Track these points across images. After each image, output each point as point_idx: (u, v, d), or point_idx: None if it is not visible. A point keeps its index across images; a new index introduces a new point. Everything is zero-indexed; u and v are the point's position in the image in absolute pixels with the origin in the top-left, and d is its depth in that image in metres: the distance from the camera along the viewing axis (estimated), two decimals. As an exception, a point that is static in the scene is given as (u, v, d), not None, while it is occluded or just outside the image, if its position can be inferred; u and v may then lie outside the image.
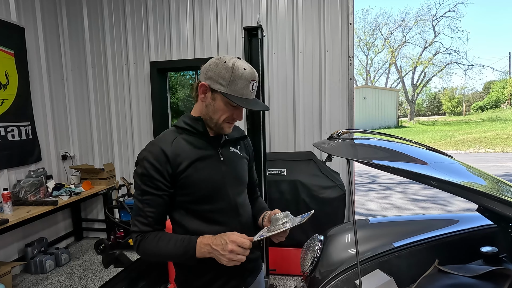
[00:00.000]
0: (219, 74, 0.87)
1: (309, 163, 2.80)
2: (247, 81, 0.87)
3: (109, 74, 3.52)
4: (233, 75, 0.86)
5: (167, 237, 0.89)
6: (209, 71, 0.89)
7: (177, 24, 3.30)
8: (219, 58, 0.89)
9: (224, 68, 0.87)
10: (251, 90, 0.88)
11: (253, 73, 0.89)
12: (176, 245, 0.87)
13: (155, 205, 0.89)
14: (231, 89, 0.87)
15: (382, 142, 0.97)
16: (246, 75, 0.87)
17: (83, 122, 3.65)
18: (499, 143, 11.77)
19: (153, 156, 0.88)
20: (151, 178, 0.88)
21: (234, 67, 0.86)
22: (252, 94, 0.90)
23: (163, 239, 0.88)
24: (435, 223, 1.50)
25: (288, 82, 3.10)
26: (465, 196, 0.80)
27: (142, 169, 0.89)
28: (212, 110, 0.92)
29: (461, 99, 28.84)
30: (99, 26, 3.49)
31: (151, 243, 0.88)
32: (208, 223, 0.95)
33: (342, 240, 1.45)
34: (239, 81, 0.86)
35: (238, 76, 0.86)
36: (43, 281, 2.74)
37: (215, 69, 0.88)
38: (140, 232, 0.89)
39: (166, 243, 0.88)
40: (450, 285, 1.06)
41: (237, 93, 0.87)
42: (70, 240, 3.60)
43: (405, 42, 27.90)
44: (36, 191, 2.87)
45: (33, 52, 3.16)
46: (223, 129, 0.95)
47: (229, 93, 0.87)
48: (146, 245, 0.88)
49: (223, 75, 0.87)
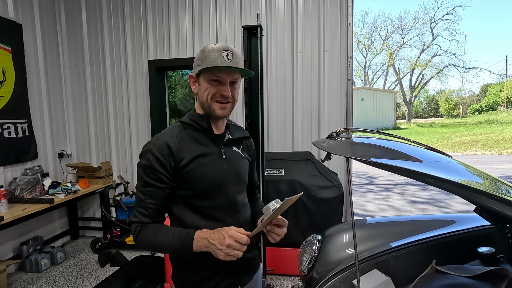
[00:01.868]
0: (196, 59, 0.95)
1: (307, 163, 2.80)
2: (218, 52, 0.90)
3: (107, 72, 3.50)
4: (204, 52, 0.92)
5: (165, 229, 0.90)
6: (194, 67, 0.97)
7: (176, 22, 3.29)
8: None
9: (199, 53, 0.95)
10: (226, 59, 0.91)
11: (225, 45, 0.92)
12: (174, 237, 0.87)
13: (156, 197, 0.91)
14: (205, 63, 0.91)
15: (381, 141, 0.97)
16: (216, 47, 0.91)
17: (80, 120, 3.62)
18: (496, 145, 11.85)
19: (157, 148, 0.90)
20: (154, 170, 0.89)
21: (205, 47, 0.93)
22: (230, 62, 0.91)
23: (162, 231, 0.89)
24: (432, 223, 1.50)
25: (287, 82, 3.10)
26: (464, 194, 0.80)
27: (146, 161, 0.90)
28: (201, 95, 0.95)
29: (458, 101, 29.01)
30: (97, 24, 3.47)
31: (150, 234, 0.89)
32: (206, 219, 0.95)
33: (339, 240, 1.44)
34: (211, 54, 0.90)
35: (208, 50, 0.91)
36: (38, 280, 2.72)
37: (195, 61, 0.96)
38: (139, 223, 0.91)
39: (164, 235, 0.88)
40: (447, 285, 1.06)
41: (211, 64, 0.90)
42: (66, 238, 3.57)
43: (403, 44, 28.06)
44: (32, 189, 2.84)
45: (31, 49, 3.14)
46: (215, 110, 0.95)
47: (204, 67, 0.91)
48: (144, 236, 0.89)
49: (198, 57, 0.94)
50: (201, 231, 0.87)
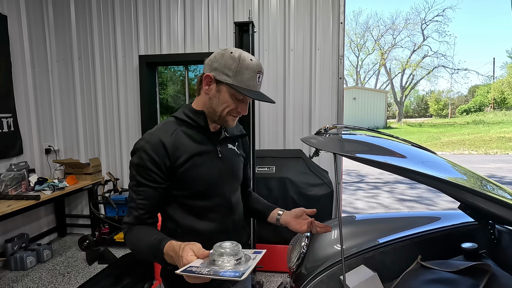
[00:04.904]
0: (225, 64, 0.84)
1: (298, 160, 2.81)
2: (253, 72, 0.85)
3: (96, 66, 3.43)
4: (239, 65, 0.83)
5: (142, 234, 0.85)
6: (214, 62, 0.86)
7: (167, 16, 3.25)
8: (224, 49, 0.87)
9: (230, 58, 0.84)
10: (257, 82, 0.86)
11: (259, 64, 0.87)
12: (147, 245, 0.82)
13: (148, 197, 0.87)
14: (237, 80, 0.84)
15: (369, 138, 0.98)
16: (253, 66, 0.84)
17: (68, 115, 3.55)
18: (482, 145, 12.15)
19: (151, 147, 0.85)
20: (147, 169, 0.85)
21: (241, 57, 0.84)
22: (258, 86, 0.88)
23: (140, 236, 0.85)
24: (418, 220, 1.53)
25: (278, 79, 3.10)
26: (450, 191, 0.81)
27: (139, 160, 0.86)
28: (216, 103, 0.89)
29: (447, 102, 29.63)
30: (86, 17, 3.39)
31: (133, 238, 0.86)
32: (201, 219, 0.93)
33: (328, 236, 1.46)
34: (246, 72, 0.84)
35: (244, 67, 0.84)
36: (23, 278, 2.66)
37: (221, 59, 0.85)
38: (128, 224, 0.88)
39: (139, 241, 0.85)
40: (432, 280, 1.08)
41: (243, 84, 0.84)
42: (53, 236, 3.50)
43: (394, 44, 28.43)
44: (17, 185, 2.78)
45: (16, 41, 3.05)
46: (227, 122, 0.92)
47: (235, 83, 0.84)
48: (129, 238, 0.87)
49: (229, 65, 0.84)
50: (170, 244, 0.77)
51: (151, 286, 2.37)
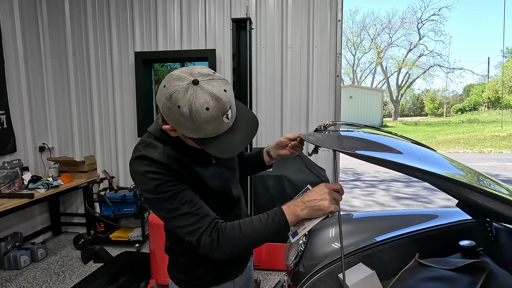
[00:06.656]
0: (178, 122, 0.70)
1: (296, 158, 2.80)
2: (217, 120, 0.70)
3: (91, 63, 3.39)
4: (196, 123, 0.69)
5: (247, 220, 0.80)
6: (167, 116, 0.72)
7: (163, 12, 3.21)
8: (169, 98, 0.68)
9: (181, 116, 0.68)
10: (226, 121, 0.72)
11: (223, 102, 0.69)
12: (266, 224, 0.77)
13: (191, 197, 0.78)
14: (201, 133, 0.72)
15: (367, 135, 0.97)
16: (212, 115, 0.68)
17: (62, 113, 3.50)
18: (477, 144, 12.27)
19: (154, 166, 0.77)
20: (166, 181, 0.77)
21: (193, 113, 0.67)
22: (230, 121, 0.74)
23: (245, 223, 0.78)
24: (416, 218, 1.52)
25: (276, 77, 3.09)
26: (447, 187, 0.80)
27: (153, 182, 0.76)
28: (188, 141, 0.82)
29: (443, 101, 29.87)
30: (81, 12, 3.34)
31: (235, 232, 0.77)
32: None
33: (326, 234, 1.45)
34: (207, 126, 0.70)
35: (203, 121, 0.69)
36: (17, 277, 2.62)
37: (172, 116, 0.70)
38: (208, 228, 0.77)
39: (251, 228, 0.78)
40: (429, 278, 1.08)
41: (212, 134, 0.72)
42: (47, 235, 3.46)
43: (391, 43, 28.54)
44: (10, 183, 2.73)
45: (9, 37, 2.99)
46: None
47: (201, 136, 0.73)
48: (228, 237, 0.77)
49: (184, 124, 0.70)
50: (285, 204, 0.79)
51: (147, 285, 2.36)
